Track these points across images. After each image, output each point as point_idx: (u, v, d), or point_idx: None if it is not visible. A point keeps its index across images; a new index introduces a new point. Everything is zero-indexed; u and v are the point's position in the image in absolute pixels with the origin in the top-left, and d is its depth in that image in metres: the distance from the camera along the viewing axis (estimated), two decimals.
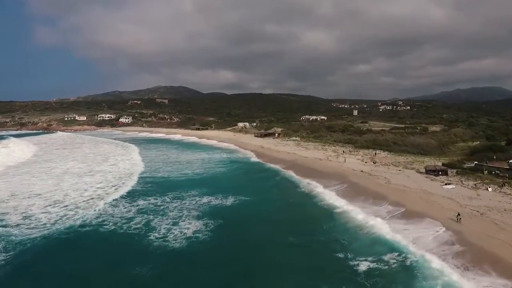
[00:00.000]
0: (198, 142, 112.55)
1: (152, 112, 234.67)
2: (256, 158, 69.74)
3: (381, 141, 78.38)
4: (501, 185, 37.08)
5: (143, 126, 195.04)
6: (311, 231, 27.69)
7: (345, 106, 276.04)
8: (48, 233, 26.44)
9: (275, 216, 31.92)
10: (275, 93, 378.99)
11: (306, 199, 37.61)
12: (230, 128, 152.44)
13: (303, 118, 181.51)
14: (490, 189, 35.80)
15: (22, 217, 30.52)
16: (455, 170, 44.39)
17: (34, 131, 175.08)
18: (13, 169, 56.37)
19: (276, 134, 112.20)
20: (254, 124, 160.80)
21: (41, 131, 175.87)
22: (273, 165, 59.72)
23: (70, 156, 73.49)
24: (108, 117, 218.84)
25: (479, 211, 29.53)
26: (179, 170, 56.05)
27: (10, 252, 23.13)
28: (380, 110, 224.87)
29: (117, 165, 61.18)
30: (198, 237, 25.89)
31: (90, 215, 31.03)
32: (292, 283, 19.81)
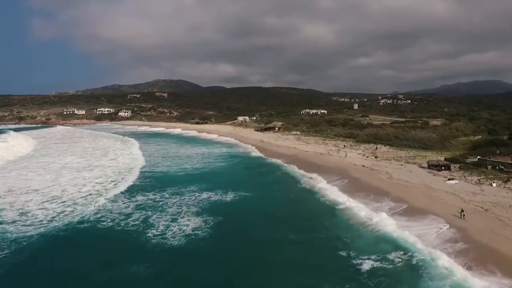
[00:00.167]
0: (198, 136, 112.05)
1: (152, 106, 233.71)
2: (256, 153, 69.22)
3: (382, 135, 77.75)
4: (506, 181, 36.52)
5: (142, 120, 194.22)
6: (313, 228, 27.16)
7: (346, 100, 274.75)
8: (45, 231, 25.89)
9: (276, 213, 31.39)
10: (275, 87, 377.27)
11: (307, 195, 37.07)
12: (230, 122, 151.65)
13: (303, 112, 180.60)
14: (494, 185, 35.25)
15: (19, 214, 30.02)
16: (458, 165, 43.82)
17: (33, 125, 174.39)
18: (12, 164, 55.84)
19: (276, 128, 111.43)
20: (254, 118, 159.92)
21: (40, 125, 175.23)
22: (274, 160, 59.18)
23: (69, 151, 73.00)
24: (107, 111, 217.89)
25: (484, 207, 29.00)
26: (179, 165, 55.50)
27: (5, 251, 22.60)
28: (381, 104, 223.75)
29: (117, 160, 60.67)
30: (197, 234, 25.33)
31: (88, 212, 30.49)
32: (293, 283, 19.27)
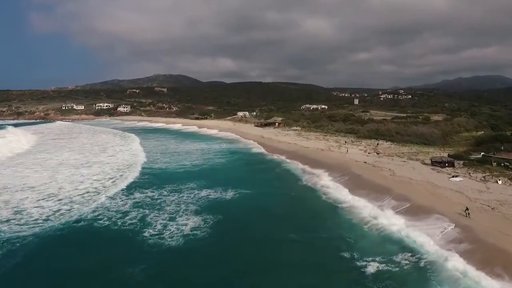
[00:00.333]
0: (198, 132, 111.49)
1: (151, 101, 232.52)
2: (257, 149, 68.48)
3: (384, 131, 76.86)
4: None
5: (142, 115, 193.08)
6: (314, 227, 26.43)
7: (346, 95, 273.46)
8: (39, 230, 25.12)
9: (277, 211, 30.67)
10: (275, 82, 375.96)
11: (309, 192, 36.35)
12: (230, 118, 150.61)
13: (304, 107, 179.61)
14: (500, 182, 34.48)
15: (13, 212, 29.27)
16: (462, 162, 43.05)
17: (31, 121, 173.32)
18: (9, 160, 55.00)
19: (277, 124, 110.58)
20: (254, 114, 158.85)
21: (39, 121, 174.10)
22: (274, 156, 58.43)
23: (71, 147, 72.07)
24: (106, 106, 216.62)
25: (490, 206, 28.24)
26: (178, 161, 54.73)
27: None
28: (381, 99, 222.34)
29: (116, 156, 59.84)
30: (196, 234, 24.52)
31: (85, 210, 29.71)
32: (295, 287, 18.54)
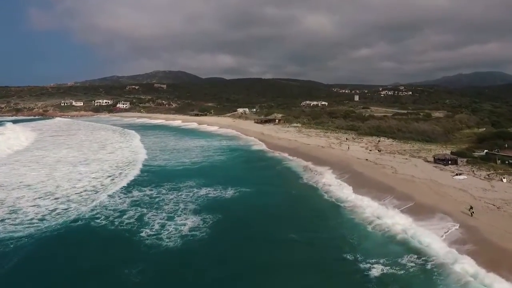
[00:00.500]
0: (198, 129, 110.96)
1: (150, 98, 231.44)
2: (257, 146, 67.80)
3: (385, 128, 76.19)
4: None
5: (141, 112, 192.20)
6: (316, 227, 25.79)
7: (346, 92, 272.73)
8: (34, 231, 24.46)
9: (278, 210, 30.04)
10: (275, 78, 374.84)
11: (310, 191, 35.72)
12: (230, 114, 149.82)
13: (304, 104, 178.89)
14: (505, 180, 33.80)
15: (9, 211, 28.66)
16: (465, 159, 42.40)
17: (30, 117, 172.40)
18: (6, 157, 54.28)
19: (277, 120, 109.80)
20: (254, 110, 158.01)
21: (37, 117, 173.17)
22: (275, 154, 57.81)
23: (69, 143, 71.42)
24: (105, 103, 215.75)
25: (495, 205, 27.62)
26: (178, 159, 54.05)
27: None
28: (382, 96, 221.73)
29: (115, 153, 59.19)
30: (195, 235, 23.81)
31: (82, 209, 29.07)
32: None
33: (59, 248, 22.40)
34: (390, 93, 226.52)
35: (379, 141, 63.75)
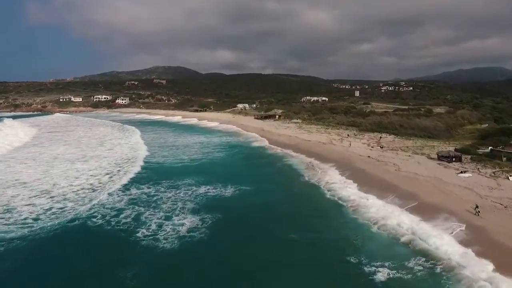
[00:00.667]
0: (197, 125, 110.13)
1: (150, 93, 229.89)
2: (257, 142, 67.00)
3: (386, 124, 75.35)
4: None
5: (140, 108, 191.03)
6: (318, 227, 25.04)
7: (346, 87, 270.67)
8: (28, 231, 23.69)
9: (278, 209, 29.29)
10: (275, 74, 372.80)
11: (311, 189, 34.95)
12: (229, 110, 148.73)
13: (304, 99, 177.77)
14: (511, 178, 33.07)
15: (2, 210, 27.90)
16: (470, 156, 41.59)
17: (29, 113, 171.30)
18: (2, 155, 53.44)
19: (277, 116, 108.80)
20: (254, 106, 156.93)
21: (36, 113, 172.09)
22: (275, 150, 57.00)
23: (67, 140, 70.60)
24: (105, 99, 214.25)
25: (503, 204, 26.87)
26: (177, 156, 53.28)
27: None
28: (382, 91, 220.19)
29: (114, 150, 58.37)
30: (193, 236, 23.01)
31: (80, 209, 28.28)
32: None
33: (53, 250, 21.65)
34: (391, 89, 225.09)
35: (381, 138, 62.95)
